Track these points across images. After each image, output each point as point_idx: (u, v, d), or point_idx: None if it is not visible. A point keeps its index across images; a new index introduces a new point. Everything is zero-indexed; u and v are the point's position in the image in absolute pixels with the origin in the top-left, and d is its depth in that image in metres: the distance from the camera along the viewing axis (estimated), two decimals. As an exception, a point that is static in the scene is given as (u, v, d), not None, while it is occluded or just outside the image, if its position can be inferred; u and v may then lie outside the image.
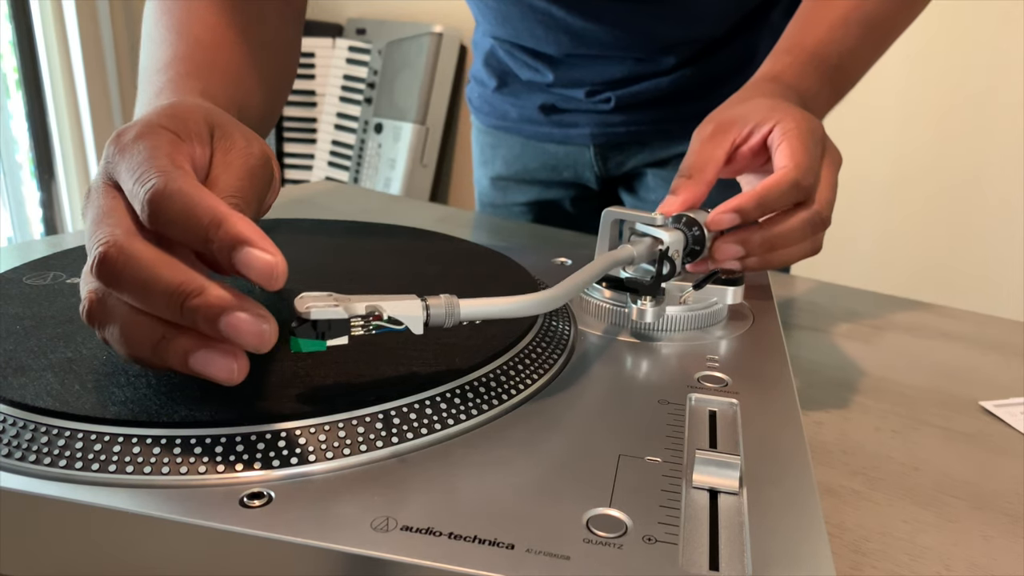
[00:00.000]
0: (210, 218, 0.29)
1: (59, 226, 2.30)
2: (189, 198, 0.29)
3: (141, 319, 0.29)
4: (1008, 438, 0.45)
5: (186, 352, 0.28)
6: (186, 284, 0.28)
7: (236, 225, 0.29)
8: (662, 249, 0.43)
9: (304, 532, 0.25)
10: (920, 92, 1.69)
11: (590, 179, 0.87)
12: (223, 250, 0.28)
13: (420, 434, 0.31)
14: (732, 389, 0.37)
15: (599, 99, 0.80)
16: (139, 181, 0.30)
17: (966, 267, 1.78)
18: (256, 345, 0.28)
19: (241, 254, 0.28)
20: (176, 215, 0.29)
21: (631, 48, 0.76)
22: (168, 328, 0.29)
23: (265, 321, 0.28)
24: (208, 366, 0.28)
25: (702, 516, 0.27)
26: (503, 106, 0.88)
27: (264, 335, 0.28)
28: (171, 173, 0.30)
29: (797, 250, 0.49)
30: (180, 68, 0.46)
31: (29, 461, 0.28)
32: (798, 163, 0.47)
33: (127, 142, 0.33)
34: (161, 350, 0.29)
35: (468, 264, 0.49)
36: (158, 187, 0.30)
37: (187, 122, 0.35)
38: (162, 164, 0.31)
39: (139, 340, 0.29)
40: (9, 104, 2.14)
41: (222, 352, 0.28)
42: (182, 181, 0.30)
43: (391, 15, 2.38)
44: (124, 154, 0.32)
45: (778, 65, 0.57)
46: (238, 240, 0.28)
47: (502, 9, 0.78)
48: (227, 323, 0.28)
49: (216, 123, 0.36)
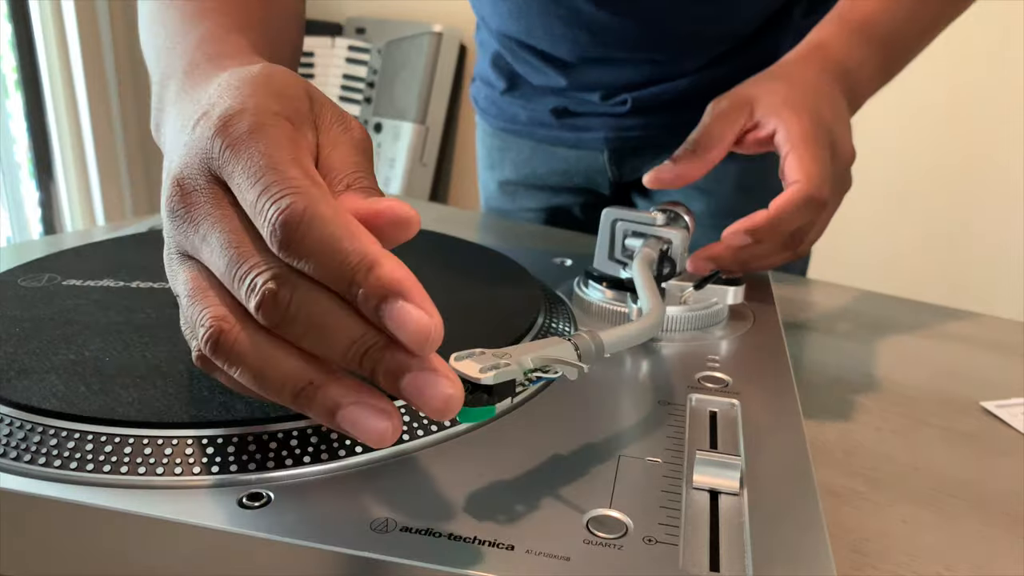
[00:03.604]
0: (360, 258, 0.24)
1: (58, 226, 2.30)
2: (334, 228, 0.24)
3: (286, 358, 0.25)
4: (1008, 438, 0.45)
5: (336, 405, 0.25)
6: (367, 333, 0.24)
7: (392, 271, 0.24)
8: (663, 249, 0.43)
9: (303, 533, 0.25)
10: (921, 92, 1.68)
11: (602, 184, 0.84)
12: (370, 298, 0.24)
13: (418, 435, 0.31)
14: (733, 389, 0.36)
15: (615, 101, 0.77)
16: (268, 195, 0.25)
17: (966, 267, 1.78)
18: (437, 413, 0.24)
19: (394, 309, 0.23)
20: (316, 246, 0.24)
21: (653, 48, 0.73)
22: (318, 372, 0.25)
23: (452, 386, 0.24)
24: (358, 424, 0.25)
25: (702, 517, 0.27)
26: (512, 108, 0.84)
27: (450, 401, 0.24)
28: (309, 192, 0.25)
29: (773, 261, 0.49)
30: (219, 20, 0.40)
31: (29, 462, 0.28)
32: (809, 176, 0.46)
33: (240, 135, 0.27)
34: (305, 398, 0.25)
35: (468, 264, 0.49)
36: (296, 210, 0.24)
37: (294, 100, 0.29)
38: (294, 177, 0.25)
39: (279, 383, 0.25)
40: (8, 104, 2.14)
41: (376, 411, 0.25)
42: (324, 205, 0.25)
43: (391, 14, 2.38)
44: (239, 151, 0.26)
45: (824, 33, 0.56)
46: (392, 290, 0.24)
47: (519, 2, 0.73)
48: (410, 383, 0.24)
49: (313, 95, 0.31)
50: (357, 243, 0.24)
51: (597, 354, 0.30)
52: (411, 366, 0.24)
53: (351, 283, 0.24)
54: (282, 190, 0.25)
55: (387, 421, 0.25)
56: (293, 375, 0.25)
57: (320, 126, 0.30)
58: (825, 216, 0.50)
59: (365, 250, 0.24)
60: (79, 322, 0.37)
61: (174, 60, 0.37)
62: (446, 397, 0.24)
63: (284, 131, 0.27)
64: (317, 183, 0.26)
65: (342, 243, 0.24)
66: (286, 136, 0.27)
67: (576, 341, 0.30)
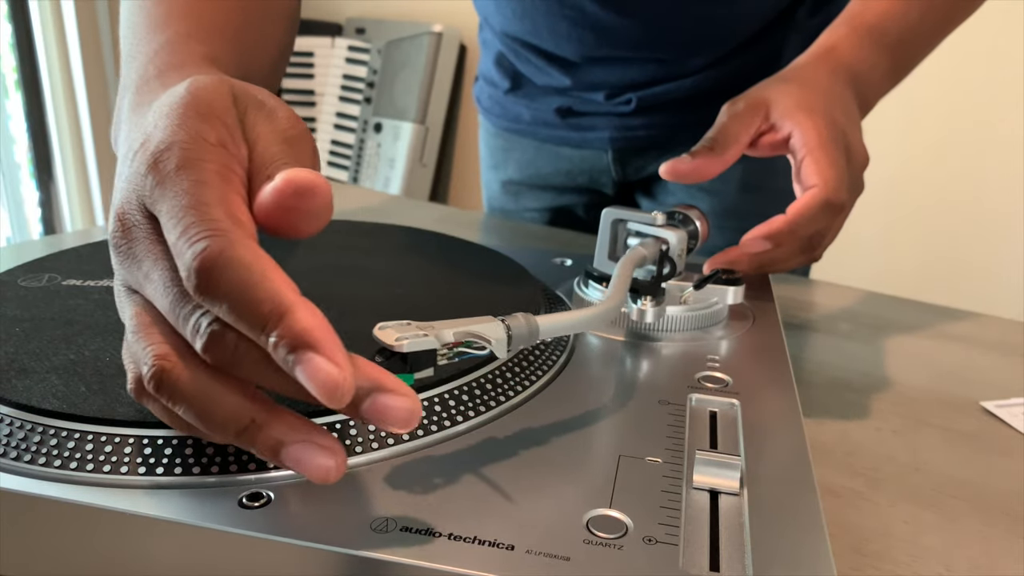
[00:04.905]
0: (271, 306, 0.23)
1: (57, 226, 2.30)
2: (248, 273, 0.24)
3: (228, 397, 0.25)
4: (1008, 438, 0.45)
5: (279, 443, 0.25)
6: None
7: (302, 320, 0.23)
8: (663, 249, 0.43)
9: (303, 533, 0.25)
10: (921, 92, 1.68)
11: (606, 184, 0.84)
12: (279, 348, 0.23)
13: (418, 436, 0.31)
14: (733, 389, 0.36)
15: (619, 101, 0.77)
16: (185, 237, 0.25)
17: (966, 267, 1.78)
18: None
19: (302, 360, 0.23)
20: (229, 292, 0.24)
21: (658, 49, 0.73)
22: (260, 411, 0.25)
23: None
24: (302, 463, 0.25)
25: (703, 517, 0.27)
26: (516, 108, 0.84)
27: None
28: (227, 235, 0.24)
29: (790, 264, 0.49)
30: (179, 27, 0.40)
31: (29, 462, 0.28)
32: (826, 180, 0.46)
33: (168, 172, 0.27)
34: (248, 436, 0.25)
35: (468, 264, 0.49)
36: (210, 254, 0.24)
37: (222, 115, 0.29)
38: (214, 218, 0.25)
39: (222, 421, 0.25)
40: (8, 104, 2.14)
41: (320, 449, 0.25)
42: (241, 248, 0.24)
43: (390, 14, 2.38)
44: (164, 190, 0.26)
45: (834, 36, 0.56)
46: (301, 341, 0.23)
47: (524, 2, 0.73)
48: (373, 408, 0.24)
49: (238, 95, 0.31)
50: (270, 290, 0.24)
51: (531, 336, 0.30)
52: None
53: (262, 331, 0.23)
54: (199, 232, 0.25)
55: (332, 459, 0.25)
56: (236, 414, 0.25)
57: (246, 124, 0.30)
58: (841, 219, 0.50)
59: (277, 298, 0.23)
60: (79, 322, 0.37)
61: (131, 72, 0.38)
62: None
63: (214, 164, 0.27)
64: (239, 223, 0.25)
65: (254, 290, 0.23)
66: (214, 171, 0.27)
67: (509, 322, 0.30)
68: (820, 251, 0.51)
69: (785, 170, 0.52)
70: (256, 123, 0.30)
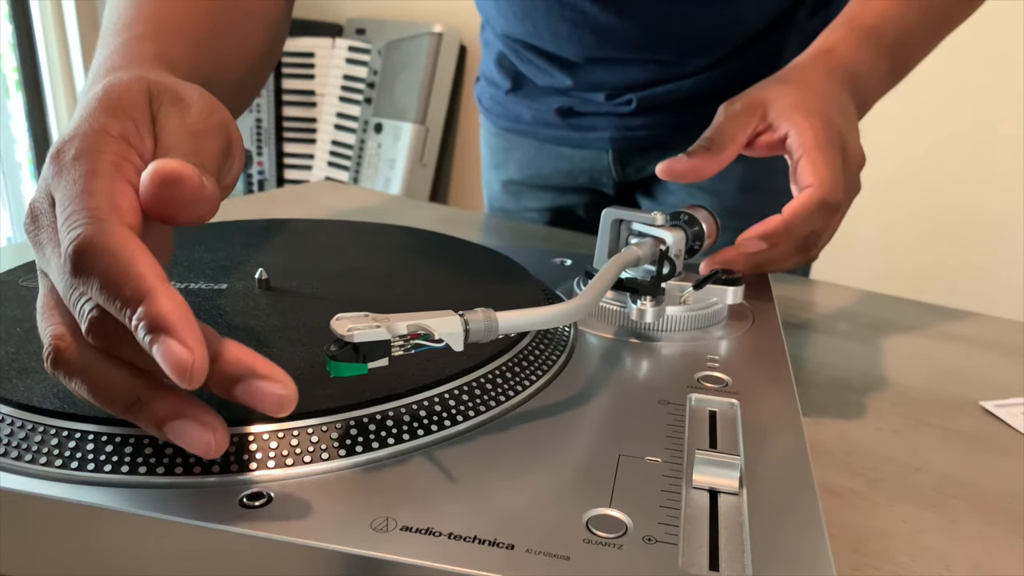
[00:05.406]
0: (133, 290, 0.25)
1: (59, 226, 2.30)
2: (113, 259, 0.25)
3: (115, 375, 0.27)
4: (1008, 438, 0.45)
5: (162, 419, 0.26)
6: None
7: (160, 304, 0.25)
8: (662, 249, 0.43)
9: (304, 532, 0.25)
10: (921, 93, 1.68)
11: (606, 184, 0.84)
12: (139, 331, 0.25)
13: (419, 435, 0.31)
14: (732, 389, 0.37)
15: (620, 101, 0.77)
16: (67, 224, 0.26)
17: (966, 267, 1.78)
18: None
19: (157, 341, 0.24)
20: (98, 275, 0.25)
21: (659, 50, 0.73)
22: (145, 389, 0.27)
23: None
24: (182, 437, 0.26)
25: (702, 516, 0.27)
26: (517, 108, 0.84)
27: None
28: (102, 222, 0.26)
29: (786, 264, 0.50)
30: (137, 29, 0.41)
31: (29, 462, 0.28)
32: (822, 180, 0.46)
33: (66, 163, 0.28)
34: (135, 411, 0.27)
35: (468, 264, 0.49)
36: (83, 240, 0.26)
37: (131, 110, 0.31)
38: (93, 207, 0.27)
39: (110, 397, 0.27)
40: (8, 104, 2.14)
41: (201, 424, 0.26)
42: (112, 234, 0.26)
43: (391, 15, 2.38)
44: (61, 177, 0.28)
45: (832, 37, 0.56)
46: (157, 324, 0.24)
47: (525, 3, 0.74)
48: (244, 392, 0.26)
49: (154, 92, 0.32)
50: (133, 275, 0.25)
51: (489, 332, 0.31)
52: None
53: (125, 315, 0.25)
54: (77, 220, 0.26)
55: (211, 434, 0.26)
56: (123, 391, 0.27)
57: (158, 119, 0.31)
58: (837, 220, 0.50)
59: (139, 283, 0.25)
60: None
61: (91, 72, 0.39)
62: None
63: (110, 155, 0.29)
64: (118, 211, 0.27)
65: (118, 274, 0.25)
66: (109, 161, 0.28)
67: (467, 316, 0.31)
68: (816, 251, 0.51)
69: (784, 170, 0.52)
70: (168, 117, 0.31)
